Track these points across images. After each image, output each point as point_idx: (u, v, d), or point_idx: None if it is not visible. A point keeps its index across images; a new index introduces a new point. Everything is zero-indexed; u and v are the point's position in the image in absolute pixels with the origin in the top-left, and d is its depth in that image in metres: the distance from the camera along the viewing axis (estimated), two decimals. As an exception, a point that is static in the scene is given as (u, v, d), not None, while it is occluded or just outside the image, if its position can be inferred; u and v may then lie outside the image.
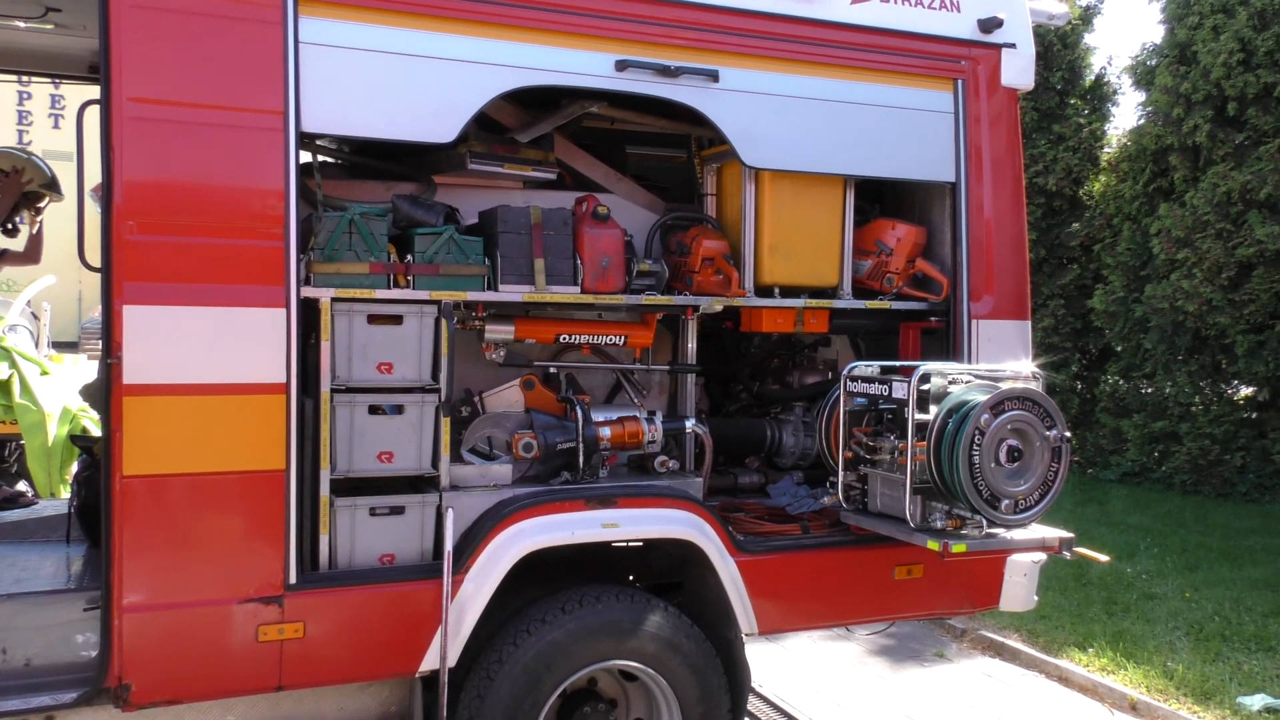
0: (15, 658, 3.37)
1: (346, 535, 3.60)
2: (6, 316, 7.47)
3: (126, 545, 3.22)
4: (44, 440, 6.90)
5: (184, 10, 3.27)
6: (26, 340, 7.40)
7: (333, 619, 3.47)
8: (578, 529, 3.78)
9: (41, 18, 4.36)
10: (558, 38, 3.80)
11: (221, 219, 3.33)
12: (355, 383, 3.62)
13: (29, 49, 4.96)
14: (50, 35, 4.67)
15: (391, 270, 3.67)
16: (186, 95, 3.29)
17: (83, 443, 4.50)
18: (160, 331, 3.25)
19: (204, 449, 3.31)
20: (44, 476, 6.91)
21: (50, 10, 4.29)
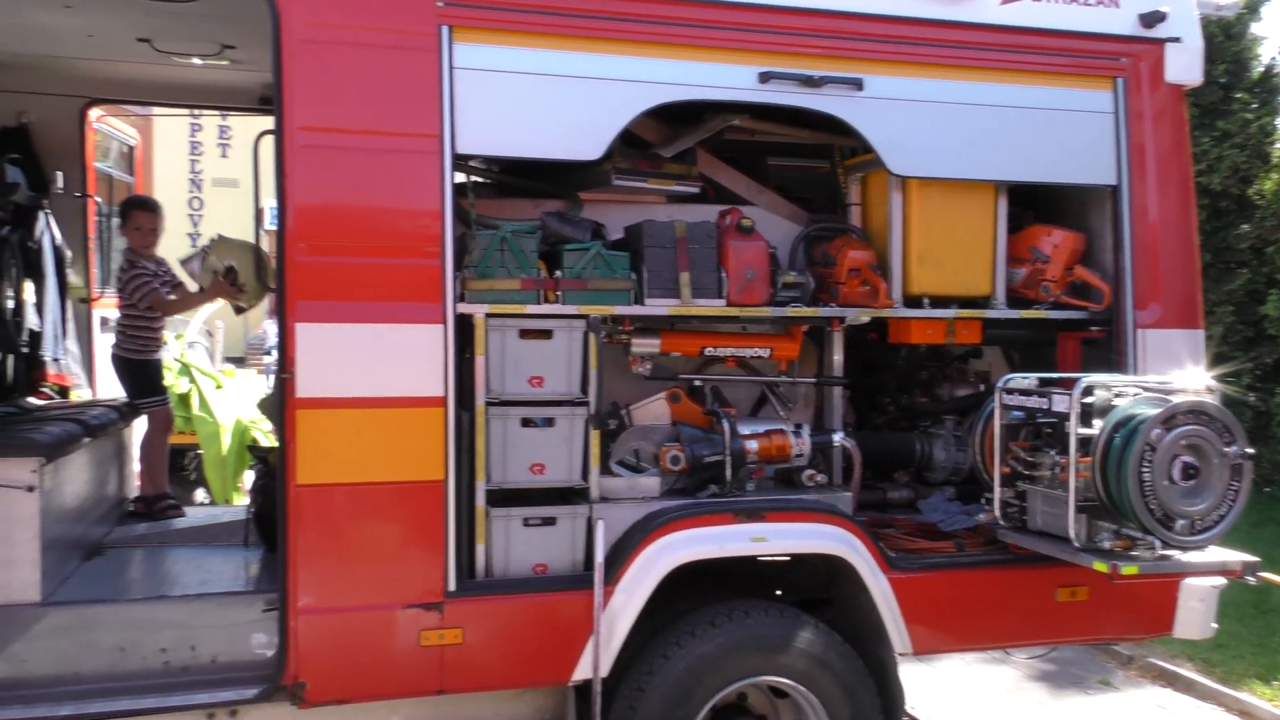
0: (203, 654, 3.60)
1: (501, 545, 3.69)
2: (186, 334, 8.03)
3: (300, 551, 3.39)
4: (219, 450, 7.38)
5: (348, 42, 3.45)
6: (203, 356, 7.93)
7: (490, 626, 3.57)
8: (726, 542, 3.77)
9: (218, 55, 4.66)
10: (701, 52, 3.83)
11: (383, 239, 3.49)
12: (508, 396, 3.72)
13: (204, 84, 5.32)
14: (223, 71, 5.00)
15: (541, 286, 3.76)
16: (351, 122, 3.46)
17: (259, 452, 4.76)
18: (329, 347, 3.42)
19: (369, 459, 3.46)
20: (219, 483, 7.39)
21: (225, 48, 4.58)
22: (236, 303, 4.83)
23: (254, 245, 4.82)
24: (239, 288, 4.76)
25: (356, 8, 3.44)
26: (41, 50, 4.62)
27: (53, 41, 4.51)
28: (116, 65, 4.89)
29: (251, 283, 4.78)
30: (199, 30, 4.30)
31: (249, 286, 4.79)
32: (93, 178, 5.52)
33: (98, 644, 3.54)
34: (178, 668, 3.58)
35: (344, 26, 3.42)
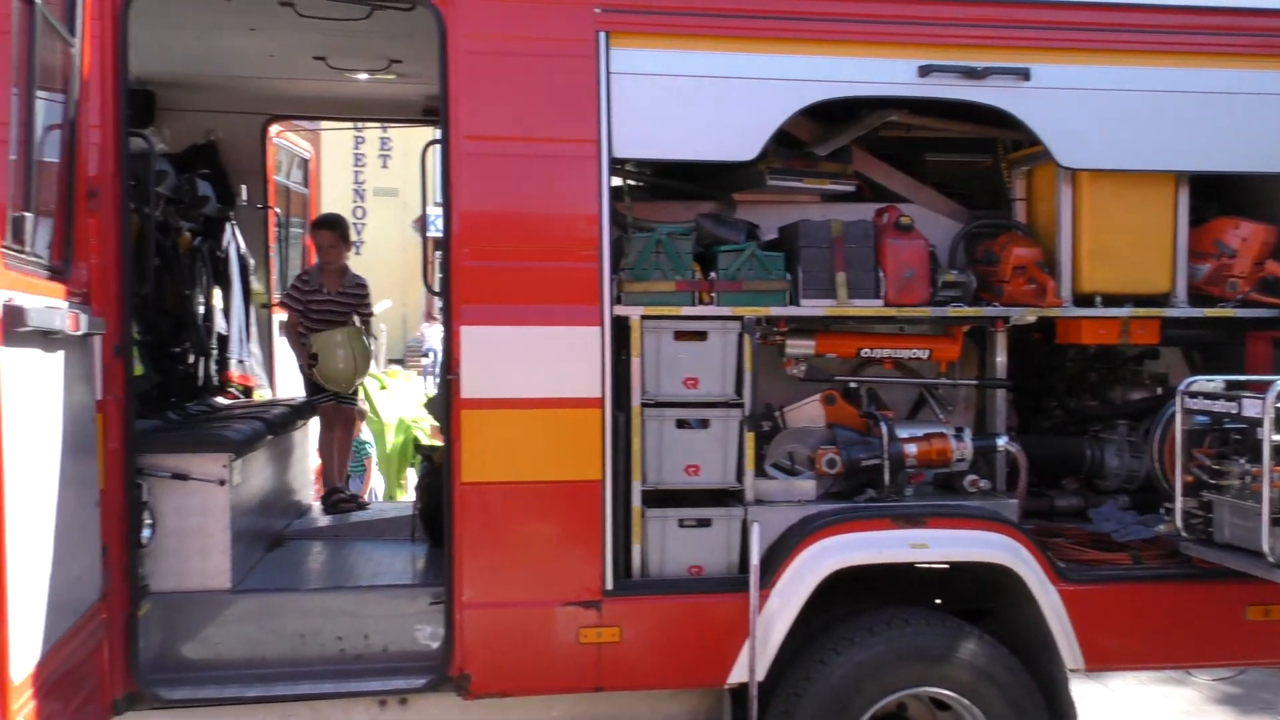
0: (375, 643, 3.77)
1: (657, 545, 3.72)
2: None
3: (465, 547, 3.51)
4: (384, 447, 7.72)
5: (510, 53, 3.54)
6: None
7: (646, 625, 3.60)
8: (885, 548, 3.69)
9: (385, 69, 4.88)
10: (858, 48, 3.76)
11: (543, 244, 3.58)
12: (663, 397, 3.74)
13: (370, 98, 5.58)
14: (389, 84, 5.22)
15: (696, 288, 3.77)
16: (512, 130, 3.56)
17: (424, 451, 4.96)
18: (491, 350, 3.53)
19: (530, 459, 3.55)
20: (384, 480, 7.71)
21: (393, 62, 4.79)
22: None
23: (357, 336, 5.34)
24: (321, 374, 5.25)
25: (518, 19, 3.53)
26: (228, 72, 4.95)
27: (238, 63, 4.82)
28: (294, 83, 5.19)
29: (334, 374, 5.22)
30: (369, 47, 4.51)
31: (330, 377, 5.23)
32: (273, 190, 5.87)
33: (281, 630, 3.75)
34: (352, 655, 3.77)
35: (506, 37, 3.52)
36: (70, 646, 2.95)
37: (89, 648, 3.14)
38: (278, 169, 6.00)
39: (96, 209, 3.26)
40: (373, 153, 25.51)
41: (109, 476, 3.33)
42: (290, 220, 6.31)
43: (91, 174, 3.25)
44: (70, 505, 2.97)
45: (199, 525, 3.76)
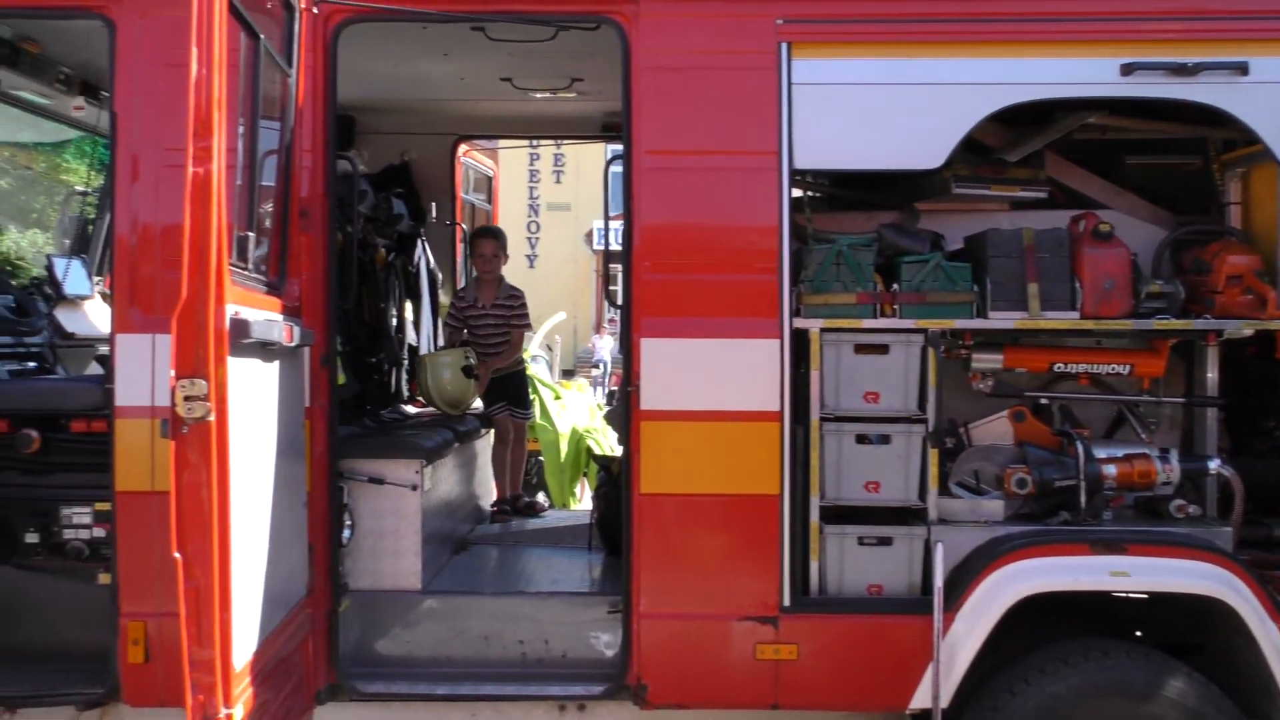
0: (555, 649, 3.86)
1: (835, 562, 3.64)
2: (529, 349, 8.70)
3: (643, 557, 3.55)
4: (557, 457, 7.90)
5: (691, 67, 3.57)
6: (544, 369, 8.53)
7: (824, 644, 3.53)
8: (1081, 575, 3.49)
9: (567, 88, 5.01)
10: (1054, 48, 3.59)
11: (723, 256, 3.58)
12: (843, 412, 3.66)
13: (551, 116, 5.75)
14: (569, 102, 5.36)
15: (878, 300, 3.68)
16: (693, 144, 3.58)
17: (602, 461, 5.05)
18: (671, 362, 3.56)
19: (708, 471, 3.55)
20: (557, 489, 7.90)
21: (574, 80, 4.92)
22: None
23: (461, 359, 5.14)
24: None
25: (700, 34, 3.56)
26: (421, 95, 5.20)
27: (430, 86, 5.06)
28: (480, 104, 5.41)
29: (442, 394, 5.06)
30: (553, 66, 4.65)
31: (438, 398, 5.09)
32: (460, 207, 6.13)
33: (467, 631, 3.90)
34: (533, 659, 3.87)
35: (688, 53, 3.55)
36: (281, 638, 3.16)
37: (296, 641, 3.35)
38: (464, 187, 6.26)
39: (307, 228, 3.49)
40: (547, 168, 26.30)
41: (315, 479, 3.55)
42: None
43: (303, 195, 3.48)
44: (283, 505, 3.19)
45: (393, 527, 3.95)
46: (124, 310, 3.38)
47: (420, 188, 5.63)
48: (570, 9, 3.66)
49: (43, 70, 4.34)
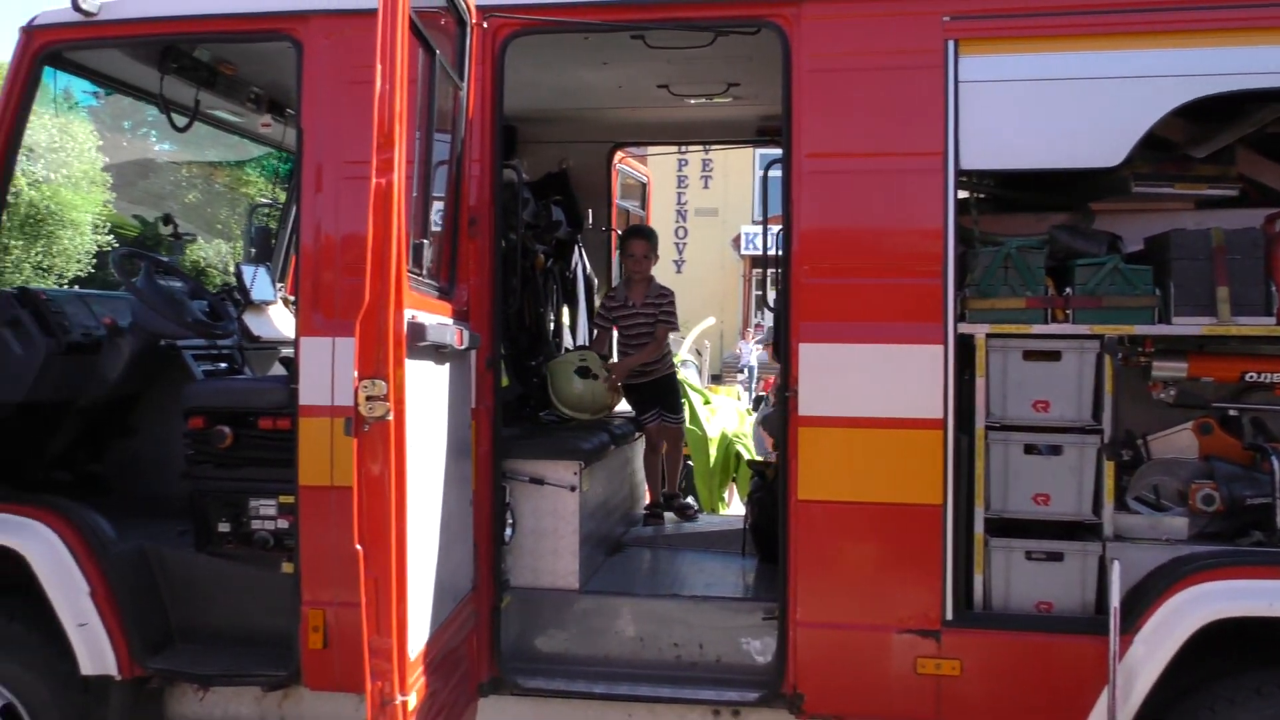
0: (709, 653, 3.87)
1: (1001, 577, 3.51)
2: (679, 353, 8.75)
3: (799, 564, 3.51)
4: (707, 461, 7.90)
5: (853, 68, 3.51)
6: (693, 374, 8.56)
7: (990, 661, 3.41)
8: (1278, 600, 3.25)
9: (723, 93, 5.02)
10: (1249, 35, 3.36)
11: (885, 260, 3.51)
12: (1010, 420, 3.53)
13: (705, 121, 5.76)
14: (724, 107, 5.36)
15: (1049, 304, 3.53)
16: (854, 146, 3.53)
17: (756, 466, 5.03)
18: (830, 367, 3.51)
19: (868, 479, 3.48)
20: (706, 493, 7.90)
21: (731, 85, 4.92)
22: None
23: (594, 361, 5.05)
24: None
25: (863, 34, 3.50)
26: (579, 104, 5.32)
27: (588, 95, 5.16)
28: (637, 111, 5.47)
29: (569, 399, 4.92)
30: (710, 72, 4.67)
31: (566, 403, 4.95)
32: (615, 213, 6.23)
33: (622, 632, 3.95)
34: (687, 663, 3.88)
35: (850, 53, 3.50)
36: (450, 631, 3.28)
37: (462, 634, 3.48)
38: (620, 193, 6.35)
39: (475, 235, 3.62)
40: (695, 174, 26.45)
41: (479, 478, 3.67)
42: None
43: (472, 203, 3.61)
44: (452, 503, 3.32)
45: (552, 527, 4.04)
46: (307, 314, 3.58)
47: (577, 195, 5.74)
48: (731, 14, 3.67)
49: (236, 90, 4.66)
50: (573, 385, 4.86)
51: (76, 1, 3.60)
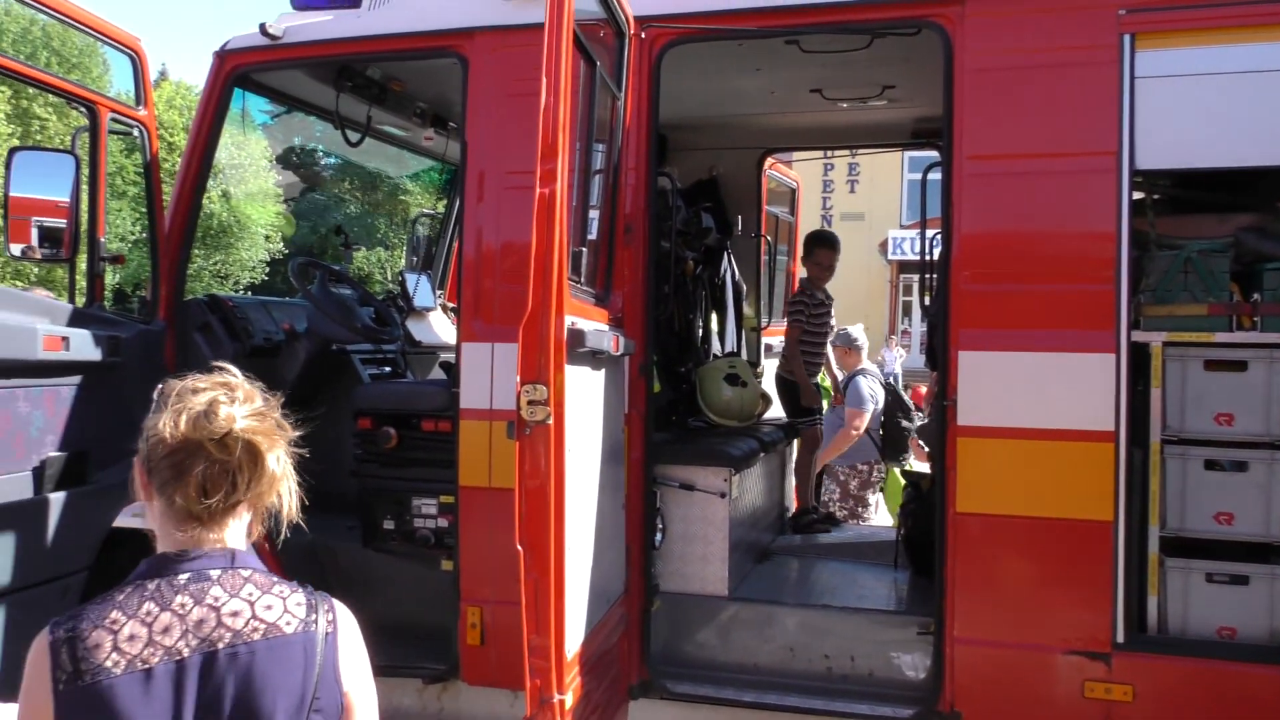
0: (861, 667, 3.79)
1: (1179, 599, 3.32)
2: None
3: (958, 579, 3.40)
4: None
5: (1020, 66, 3.39)
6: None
7: (1166, 688, 3.22)
8: None
9: (878, 95, 4.93)
10: None
11: (1052, 265, 3.37)
12: (1189, 434, 3.33)
13: (856, 125, 5.65)
14: (877, 110, 5.25)
15: (1234, 311, 3.32)
16: (1020, 147, 3.40)
17: (911, 476, 4.91)
18: (991, 376, 3.39)
19: (1032, 492, 3.35)
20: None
21: (886, 88, 4.83)
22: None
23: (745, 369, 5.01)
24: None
25: (1031, 32, 3.37)
26: (730, 111, 5.32)
27: (740, 101, 5.16)
28: (788, 116, 5.43)
29: (718, 405, 4.86)
30: (864, 75, 4.59)
31: (715, 409, 4.89)
32: (765, 219, 6.20)
33: (772, 641, 3.91)
34: (838, 675, 3.82)
35: (1016, 52, 3.38)
36: (603, 633, 3.33)
37: (614, 636, 3.52)
38: (770, 199, 6.31)
39: (630, 243, 3.67)
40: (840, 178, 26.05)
41: (631, 483, 3.71)
42: (778, 248, 6.61)
43: (627, 211, 3.66)
44: (606, 506, 3.37)
45: (702, 533, 4.05)
46: (469, 321, 3.70)
47: (727, 201, 5.74)
48: (890, 15, 3.60)
49: (404, 106, 4.87)
50: (722, 392, 4.86)
51: (264, 26, 3.85)
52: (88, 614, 1.44)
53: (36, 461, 3.31)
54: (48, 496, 3.33)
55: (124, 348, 3.66)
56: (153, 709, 1.40)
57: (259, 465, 1.53)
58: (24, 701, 1.43)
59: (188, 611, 1.45)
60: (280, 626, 1.50)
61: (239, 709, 1.44)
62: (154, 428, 1.51)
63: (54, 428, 3.39)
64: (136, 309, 4.04)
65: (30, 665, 1.43)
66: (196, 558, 1.50)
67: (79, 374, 3.49)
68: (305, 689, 1.50)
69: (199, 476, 1.49)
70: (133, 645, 1.42)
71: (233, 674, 1.45)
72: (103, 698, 1.38)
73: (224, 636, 1.46)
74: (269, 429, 1.55)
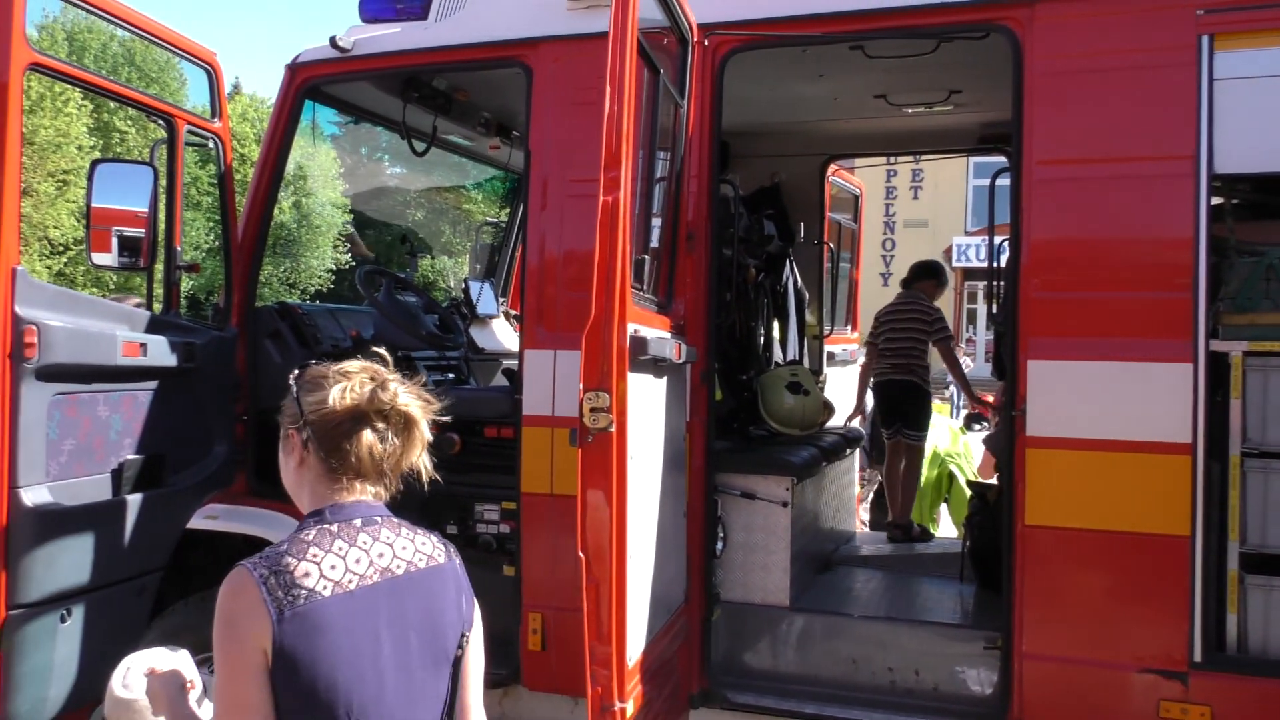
0: (926, 681, 3.73)
1: (1260, 617, 3.20)
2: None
3: (1027, 593, 3.32)
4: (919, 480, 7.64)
5: (1092, 69, 3.31)
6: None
7: (1248, 710, 3.11)
8: None
9: (944, 100, 4.86)
10: None
11: (1125, 272, 3.28)
12: (1271, 447, 3.21)
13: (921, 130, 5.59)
14: (942, 115, 5.19)
15: (1321, 320, 3.20)
16: (1093, 152, 3.32)
17: (978, 488, 4.83)
18: (1062, 385, 3.31)
19: (1105, 505, 3.26)
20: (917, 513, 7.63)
21: (952, 93, 4.76)
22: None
23: (808, 377, 5.03)
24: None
25: (1104, 34, 3.29)
26: (792, 117, 5.29)
27: (803, 108, 5.13)
28: (851, 122, 5.40)
29: (779, 413, 4.85)
30: (931, 80, 4.53)
31: (777, 417, 4.86)
32: (828, 226, 6.15)
33: (834, 652, 3.87)
34: (902, 689, 3.75)
35: (1089, 54, 3.30)
36: (664, 641, 3.32)
37: (675, 645, 3.51)
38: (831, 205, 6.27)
39: (692, 250, 3.66)
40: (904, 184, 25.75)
41: (692, 491, 3.70)
42: (840, 255, 6.55)
43: (689, 219, 3.66)
44: (667, 514, 3.36)
45: (763, 542, 4.02)
46: (531, 327, 3.73)
47: (789, 208, 5.70)
48: (957, 19, 3.53)
49: (468, 116, 4.94)
50: (784, 400, 4.82)
51: (334, 39, 3.93)
52: (284, 553, 1.70)
53: (115, 464, 3.42)
54: (126, 498, 3.43)
55: (198, 353, 3.76)
56: (357, 621, 1.70)
57: (413, 433, 1.84)
58: (232, 631, 1.64)
59: (370, 546, 1.76)
60: (435, 557, 1.86)
61: (420, 619, 1.78)
62: (322, 401, 1.78)
63: (132, 431, 3.50)
64: (209, 316, 4.14)
65: (235, 599, 1.65)
66: (359, 507, 1.80)
67: (155, 379, 3.59)
68: (459, 604, 1.85)
69: (366, 441, 1.79)
70: (334, 573, 1.70)
71: (411, 593, 1.78)
72: (319, 615, 1.66)
73: (399, 565, 1.78)
74: (423, 403, 1.86)
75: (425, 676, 1.79)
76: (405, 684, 1.75)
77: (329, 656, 1.65)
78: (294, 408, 1.82)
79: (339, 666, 1.66)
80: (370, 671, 1.70)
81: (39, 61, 3.18)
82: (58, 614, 3.17)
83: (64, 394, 3.18)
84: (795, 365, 5.32)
